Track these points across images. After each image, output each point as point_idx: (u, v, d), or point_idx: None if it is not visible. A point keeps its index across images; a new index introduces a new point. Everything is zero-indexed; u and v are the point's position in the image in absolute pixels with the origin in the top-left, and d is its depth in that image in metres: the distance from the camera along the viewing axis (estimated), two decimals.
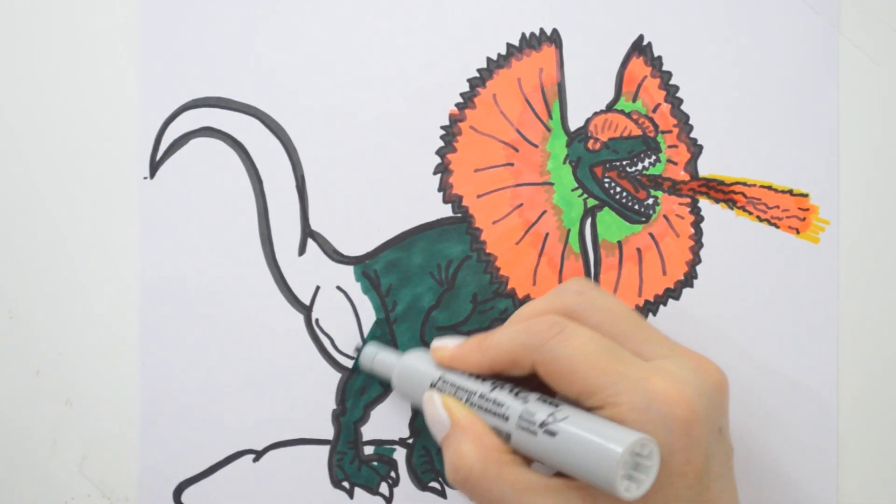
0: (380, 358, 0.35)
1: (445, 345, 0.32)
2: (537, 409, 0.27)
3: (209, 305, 0.37)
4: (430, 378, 0.32)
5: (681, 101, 0.36)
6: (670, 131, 0.36)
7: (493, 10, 0.36)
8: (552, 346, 0.28)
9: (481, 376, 0.31)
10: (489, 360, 0.30)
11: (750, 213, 0.36)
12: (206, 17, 0.37)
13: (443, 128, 0.36)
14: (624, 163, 0.36)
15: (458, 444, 0.29)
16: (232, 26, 0.37)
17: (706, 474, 0.27)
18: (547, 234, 0.36)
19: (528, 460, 0.29)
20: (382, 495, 0.37)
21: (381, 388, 0.37)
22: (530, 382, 0.30)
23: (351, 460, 0.37)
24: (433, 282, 0.36)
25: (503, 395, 0.29)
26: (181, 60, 0.37)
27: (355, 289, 0.37)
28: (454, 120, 0.36)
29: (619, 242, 0.36)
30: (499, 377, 0.30)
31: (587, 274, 0.36)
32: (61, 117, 0.37)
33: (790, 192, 0.36)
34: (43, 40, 0.37)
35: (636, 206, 0.36)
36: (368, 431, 0.37)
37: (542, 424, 0.27)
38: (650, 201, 0.36)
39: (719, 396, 0.29)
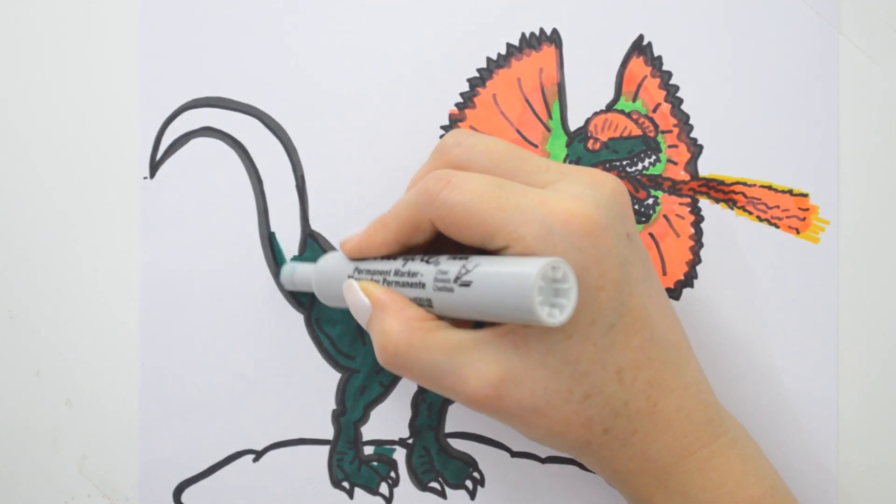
0: (299, 271, 0.35)
1: (351, 236, 0.32)
2: (449, 266, 0.27)
3: (209, 306, 0.37)
4: (345, 272, 0.32)
5: (681, 101, 0.36)
6: (670, 131, 0.36)
7: (493, 10, 0.36)
8: (444, 196, 0.28)
9: (392, 256, 0.31)
10: (393, 232, 0.30)
11: (750, 213, 0.36)
12: (207, 17, 0.37)
13: (443, 128, 0.36)
14: (624, 163, 0.36)
15: (381, 323, 0.29)
16: (232, 26, 0.37)
17: (625, 282, 0.27)
18: None
19: (455, 323, 0.29)
20: (382, 495, 0.37)
21: (380, 388, 0.37)
22: (441, 250, 0.30)
23: (351, 460, 0.37)
24: None
25: (416, 265, 0.29)
26: (181, 60, 0.37)
27: None
28: (454, 120, 0.36)
29: None
30: (409, 252, 0.30)
31: None
32: (61, 117, 0.37)
33: (790, 192, 0.36)
34: (43, 40, 0.37)
35: (636, 206, 0.36)
36: (368, 431, 0.37)
37: (457, 279, 0.26)
38: (650, 201, 0.36)
39: (619, 204, 0.28)
